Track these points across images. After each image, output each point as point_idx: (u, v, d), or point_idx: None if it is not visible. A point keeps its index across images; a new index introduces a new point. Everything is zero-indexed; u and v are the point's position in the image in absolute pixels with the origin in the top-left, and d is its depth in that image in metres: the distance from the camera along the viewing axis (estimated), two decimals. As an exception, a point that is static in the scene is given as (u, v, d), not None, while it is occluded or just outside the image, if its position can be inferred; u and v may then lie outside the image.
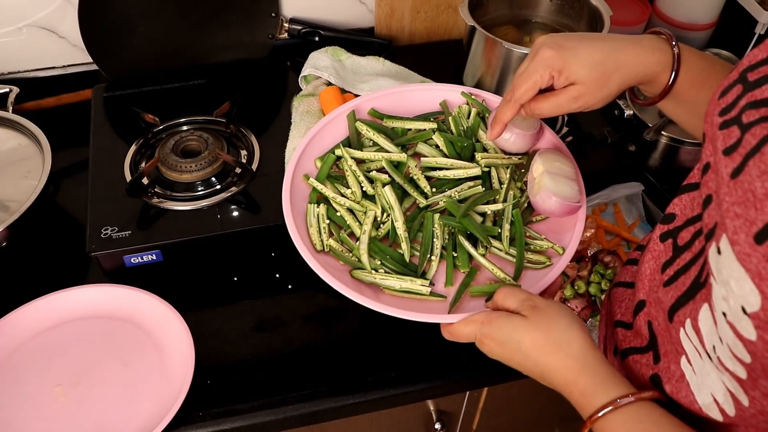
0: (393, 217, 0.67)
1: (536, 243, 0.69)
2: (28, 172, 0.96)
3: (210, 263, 0.94)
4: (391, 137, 0.74)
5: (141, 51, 1.12)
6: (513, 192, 0.71)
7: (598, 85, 0.63)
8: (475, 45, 0.99)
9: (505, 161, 0.73)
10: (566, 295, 0.90)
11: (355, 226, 0.68)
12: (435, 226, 0.67)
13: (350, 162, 0.71)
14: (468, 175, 0.71)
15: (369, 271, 0.65)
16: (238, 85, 1.12)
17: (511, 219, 0.69)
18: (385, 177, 0.70)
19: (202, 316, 0.87)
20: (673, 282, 0.53)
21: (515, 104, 0.66)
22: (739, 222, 0.38)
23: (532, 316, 0.57)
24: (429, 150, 0.74)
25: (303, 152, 0.72)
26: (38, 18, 1.12)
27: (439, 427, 1.00)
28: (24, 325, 0.85)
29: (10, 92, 1.07)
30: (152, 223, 0.91)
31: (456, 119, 0.75)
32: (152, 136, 1.03)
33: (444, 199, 0.69)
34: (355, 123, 0.74)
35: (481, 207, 0.70)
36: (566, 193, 0.67)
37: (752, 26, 1.17)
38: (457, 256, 0.67)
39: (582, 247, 0.95)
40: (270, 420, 0.80)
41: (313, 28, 1.20)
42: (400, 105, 0.78)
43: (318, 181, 0.70)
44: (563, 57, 0.63)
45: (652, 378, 0.58)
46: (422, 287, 0.64)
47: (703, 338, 0.47)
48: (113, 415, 0.78)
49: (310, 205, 0.69)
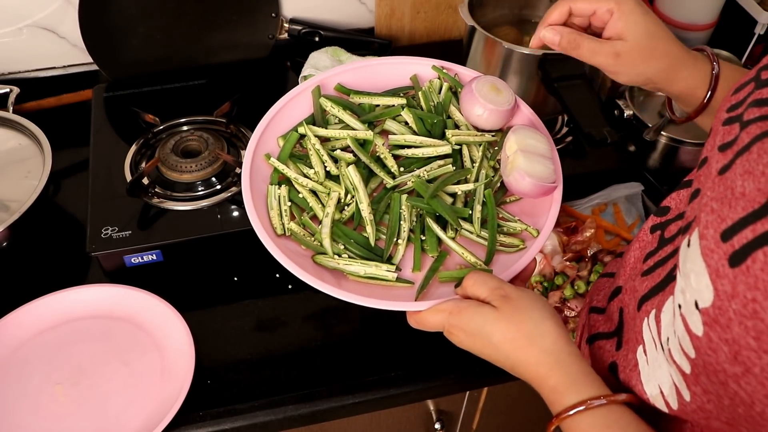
0: (357, 199, 0.63)
1: (509, 225, 0.65)
2: (29, 172, 0.96)
3: (210, 263, 0.94)
4: (357, 114, 0.70)
5: (141, 51, 1.12)
6: (485, 171, 0.68)
7: (642, 55, 0.61)
8: (475, 45, 0.99)
9: (478, 138, 0.69)
10: (566, 295, 0.90)
11: (318, 208, 0.64)
12: (402, 207, 0.63)
13: (314, 140, 0.66)
14: (438, 154, 0.68)
15: (332, 256, 0.61)
16: (239, 85, 1.12)
17: (482, 200, 0.65)
18: (350, 156, 0.66)
19: (202, 316, 0.87)
20: (651, 272, 0.53)
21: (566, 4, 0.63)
22: (712, 217, 0.38)
23: (504, 307, 0.54)
24: (398, 127, 0.69)
25: (265, 130, 0.67)
26: (38, 18, 1.12)
27: (439, 427, 1.00)
28: (24, 324, 0.85)
29: (10, 92, 1.07)
30: (152, 223, 0.92)
31: (426, 94, 0.71)
32: (152, 136, 1.04)
33: (412, 179, 0.65)
34: (319, 99, 0.70)
35: (451, 187, 0.66)
36: (541, 172, 0.63)
37: (752, 26, 1.17)
38: (425, 240, 0.63)
39: (582, 247, 0.95)
40: (270, 420, 0.80)
41: (313, 28, 1.20)
42: (369, 80, 0.73)
43: (280, 161, 0.66)
44: (635, 4, 0.61)
45: (611, 365, 0.57)
46: (388, 273, 0.60)
47: (661, 329, 0.47)
48: (113, 414, 0.78)
49: (271, 187, 0.65)
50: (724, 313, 0.37)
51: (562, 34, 0.63)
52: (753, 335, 0.35)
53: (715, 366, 0.39)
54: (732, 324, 0.36)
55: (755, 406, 0.37)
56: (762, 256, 0.34)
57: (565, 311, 0.89)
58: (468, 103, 0.69)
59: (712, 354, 0.39)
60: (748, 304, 0.35)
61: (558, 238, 0.96)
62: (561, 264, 0.93)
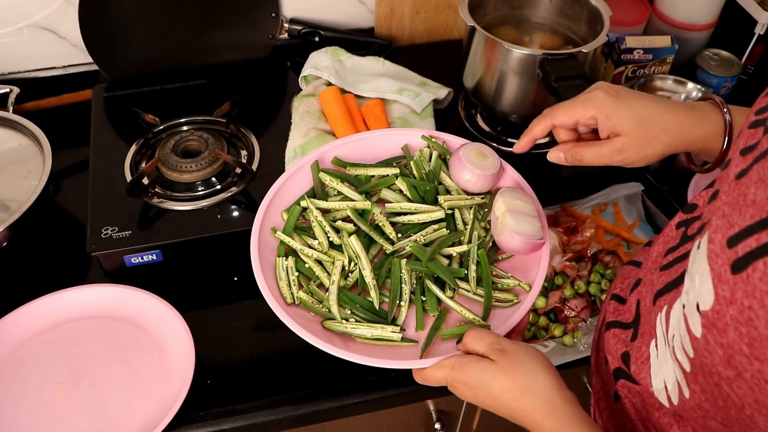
0: (360, 266, 0.68)
1: (503, 282, 0.70)
2: (29, 172, 0.96)
3: (210, 263, 0.94)
4: (355, 185, 0.75)
5: (141, 51, 1.12)
6: (477, 232, 0.72)
7: (642, 142, 0.63)
8: (475, 45, 0.99)
9: (468, 202, 0.74)
10: (566, 294, 0.90)
11: (324, 276, 0.69)
12: (402, 271, 0.68)
13: (316, 213, 0.71)
14: (432, 219, 0.72)
15: (340, 321, 0.66)
16: (239, 85, 1.12)
17: (477, 259, 0.69)
18: (350, 226, 0.71)
19: (202, 316, 0.87)
20: (669, 268, 0.54)
21: (548, 120, 0.66)
22: (722, 222, 0.38)
23: (501, 360, 0.58)
24: (393, 195, 0.74)
25: (269, 205, 0.72)
26: (38, 18, 1.12)
27: (439, 427, 1.00)
28: (24, 324, 0.85)
29: (10, 92, 1.07)
30: (152, 223, 0.92)
31: (418, 163, 0.76)
32: (152, 136, 1.04)
33: (410, 244, 0.70)
34: (318, 174, 0.75)
35: (446, 249, 0.70)
36: (529, 231, 0.68)
37: (752, 26, 1.17)
38: (426, 300, 0.68)
39: (582, 247, 0.95)
40: (270, 420, 0.80)
41: (313, 29, 1.20)
42: (363, 152, 0.79)
43: (285, 234, 0.71)
44: (615, 103, 0.63)
45: (623, 355, 0.59)
46: (393, 334, 0.65)
47: (669, 326, 0.48)
48: (113, 414, 0.78)
49: (279, 258, 0.70)
50: (722, 317, 0.37)
51: (564, 151, 0.66)
52: (746, 342, 0.36)
53: (711, 368, 0.40)
54: (728, 329, 0.37)
55: (745, 410, 0.38)
56: (762, 266, 0.34)
57: (565, 311, 0.89)
58: (457, 169, 0.73)
59: (708, 356, 0.40)
60: (744, 311, 0.35)
61: (558, 238, 0.96)
62: (561, 264, 0.93)
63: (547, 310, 0.90)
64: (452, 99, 1.11)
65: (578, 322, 0.88)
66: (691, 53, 1.21)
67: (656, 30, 1.23)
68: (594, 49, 0.95)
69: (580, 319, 0.88)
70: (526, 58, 0.94)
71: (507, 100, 1.00)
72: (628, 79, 1.14)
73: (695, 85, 1.12)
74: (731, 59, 1.19)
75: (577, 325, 0.88)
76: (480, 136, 1.06)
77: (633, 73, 1.14)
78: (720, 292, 0.37)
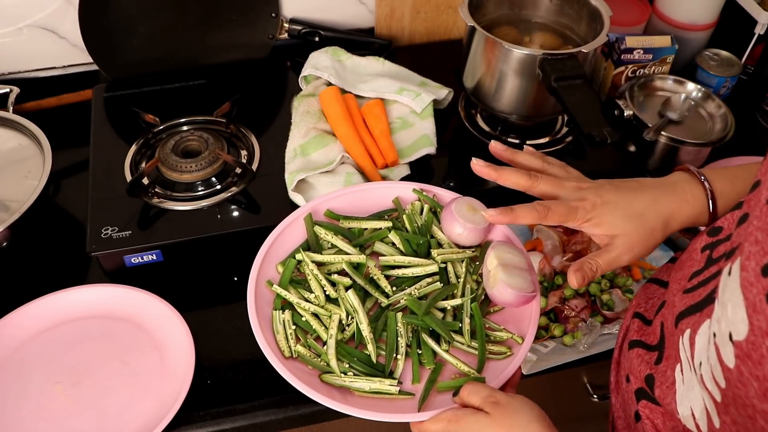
0: (357, 320, 0.69)
1: (496, 334, 0.71)
2: (29, 172, 0.96)
3: (210, 263, 0.94)
4: (348, 238, 0.76)
5: (141, 51, 1.12)
6: (470, 285, 0.73)
7: (642, 236, 0.65)
8: (475, 45, 0.99)
9: (460, 255, 0.75)
10: (566, 294, 0.90)
11: (321, 330, 0.70)
12: (398, 325, 0.69)
13: (311, 266, 0.72)
14: (426, 272, 0.73)
15: (338, 375, 0.67)
16: (239, 85, 1.12)
17: (470, 312, 0.71)
18: (346, 280, 0.72)
19: (202, 316, 0.87)
20: (693, 291, 0.53)
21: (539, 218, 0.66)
22: (756, 249, 0.37)
23: (495, 413, 0.60)
24: (386, 249, 0.76)
25: (264, 257, 0.73)
26: (38, 18, 1.12)
27: (439, 427, 0.99)
28: (24, 324, 0.85)
29: (10, 92, 1.07)
30: (152, 223, 0.92)
31: (410, 216, 0.77)
32: (152, 136, 1.04)
33: (405, 297, 0.71)
34: (313, 227, 0.76)
35: (441, 303, 0.72)
36: (521, 284, 0.69)
37: (752, 26, 1.17)
38: (422, 353, 0.69)
39: (582, 247, 0.95)
40: (270, 420, 0.80)
41: (313, 29, 1.20)
42: (355, 204, 0.80)
43: (281, 287, 0.71)
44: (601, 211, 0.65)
45: (647, 377, 0.58)
46: (391, 387, 0.66)
47: (695, 352, 0.48)
48: (113, 415, 0.78)
49: (275, 312, 0.70)
50: (757, 348, 0.36)
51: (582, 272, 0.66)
52: None
53: (744, 400, 0.39)
54: (764, 361, 0.36)
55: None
56: None
57: (565, 311, 0.89)
58: (449, 223, 0.75)
59: (742, 387, 0.39)
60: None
61: (558, 237, 0.96)
62: (561, 264, 0.93)
63: (547, 310, 0.90)
64: (452, 99, 1.11)
65: (578, 322, 0.88)
66: (691, 53, 1.21)
67: (656, 30, 1.22)
68: (594, 49, 0.95)
69: (580, 319, 0.88)
70: (526, 58, 0.94)
71: (507, 100, 1.00)
72: (629, 79, 1.14)
73: (695, 85, 1.12)
74: (731, 59, 1.19)
75: (577, 325, 0.88)
76: (480, 136, 1.07)
77: (633, 73, 1.14)
78: (755, 323, 0.36)
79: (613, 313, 0.88)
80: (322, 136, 1.00)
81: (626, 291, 0.90)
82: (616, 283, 0.92)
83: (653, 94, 1.14)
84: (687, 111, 1.10)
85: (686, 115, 1.09)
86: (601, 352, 0.85)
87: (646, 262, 0.97)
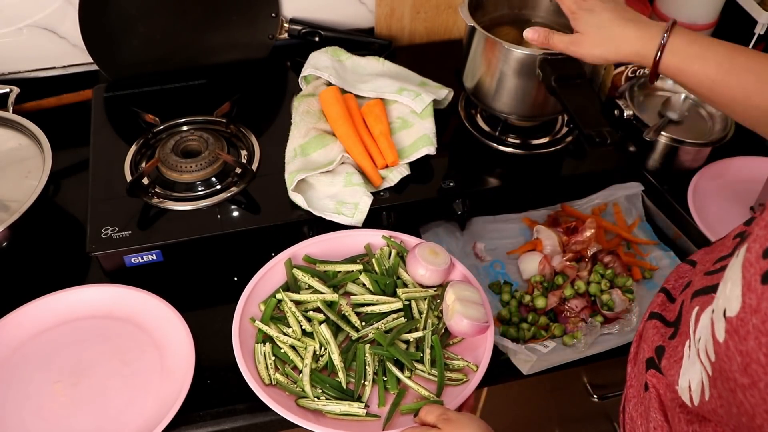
0: (330, 351, 0.78)
1: (454, 363, 0.80)
2: (29, 172, 0.96)
3: (210, 263, 0.94)
4: (324, 280, 0.85)
5: (141, 51, 1.12)
6: (431, 320, 0.82)
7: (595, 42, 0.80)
8: (475, 45, 0.99)
9: (423, 294, 0.84)
10: (566, 294, 0.90)
11: (298, 360, 0.78)
12: (366, 355, 0.78)
13: (290, 304, 0.81)
14: (392, 309, 0.83)
15: (312, 399, 0.75)
16: (239, 85, 1.12)
17: (431, 344, 0.80)
18: (320, 316, 0.81)
19: (202, 316, 0.87)
20: (713, 274, 0.56)
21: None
22: (762, 233, 0.39)
23: (446, 428, 0.68)
24: (357, 289, 0.85)
25: (248, 297, 0.82)
26: (38, 18, 1.12)
27: (439, 427, 1.00)
28: (24, 324, 0.85)
29: (10, 92, 1.07)
30: (152, 223, 0.92)
31: (379, 260, 0.87)
32: (152, 136, 1.04)
33: (373, 331, 0.80)
34: (292, 270, 0.85)
35: (404, 335, 0.81)
36: (475, 315, 0.79)
37: (752, 26, 1.17)
38: (387, 380, 0.78)
39: (582, 247, 0.95)
40: (270, 420, 0.80)
41: (313, 28, 1.20)
42: (331, 249, 0.89)
43: (263, 323, 0.80)
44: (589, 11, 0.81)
45: (658, 348, 0.61)
46: (359, 410, 0.75)
47: (697, 328, 0.50)
48: (113, 415, 0.78)
49: (257, 345, 0.79)
50: (745, 325, 0.38)
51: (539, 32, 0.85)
52: (764, 351, 0.37)
53: (729, 373, 0.41)
54: (749, 337, 0.38)
55: (756, 419, 0.39)
56: None
57: (565, 311, 0.89)
58: (413, 265, 0.85)
59: (727, 361, 0.41)
60: (766, 321, 0.36)
61: (558, 238, 0.96)
62: (561, 264, 0.93)
63: (547, 310, 0.90)
64: (452, 99, 1.11)
65: (578, 322, 0.88)
66: (691, 53, 1.21)
67: (656, 30, 1.22)
68: (594, 49, 0.94)
69: (579, 319, 0.88)
70: (526, 58, 0.93)
71: (507, 100, 1.00)
72: (629, 79, 1.14)
73: (695, 85, 1.12)
74: (731, 59, 1.18)
75: (577, 325, 0.88)
76: (480, 136, 1.06)
77: (633, 72, 1.14)
78: (747, 301, 0.38)
79: (613, 313, 0.88)
80: (322, 136, 1.00)
81: (626, 291, 0.90)
82: (616, 284, 0.92)
83: (653, 94, 1.14)
84: (687, 111, 1.10)
85: (686, 115, 1.09)
86: (601, 351, 0.85)
87: (647, 262, 0.97)
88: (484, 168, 1.02)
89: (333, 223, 0.92)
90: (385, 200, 0.95)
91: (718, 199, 0.99)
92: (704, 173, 1.06)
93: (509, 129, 1.07)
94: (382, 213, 0.95)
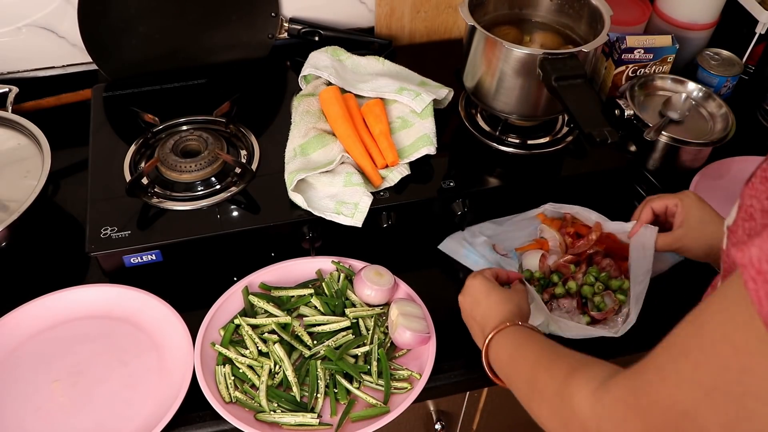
0: (284, 368, 0.83)
1: (399, 373, 0.85)
2: (28, 172, 0.96)
3: (209, 263, 0.94)
4: (278, 304, 0.90)
5: (141, 51, 1.12)
6: (377, 336, 0.87)
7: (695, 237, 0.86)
8: (475, 45, 0.99)
9: (369, 312, 0.89)
10: (556, 292, 0.90)
11: (255, 378, 0.83)
12: (318, 370, 0.83)
13: (247, 328, 0.86)
14: (341, 327, 0.88)
15: (269, 413, 0.80)
16: (238, 85, 1.12)
17: (377, 357, 0.85)
18: (275, 337, 0.86)
19: (202, 316, 0.87)
20: None
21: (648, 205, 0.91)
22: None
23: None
24: (309, 311, 0.90)
25: (208, 324, 0.86)
26: (38, 18, 1.12)
27: (440, 427, 1.00)
28: (24, 324, 0.85)
29: (9, 92, 1.07)
30: (152, 223, 0.91)
31: (329, 284, 0.92)
32: (152, 136, 1.03)
33: (323, 348, 0.85)
34: (248, 297, 0.90)
35: (353, 350, 0.86)
36: (417, 327, 0.84)
37: (752, 26, 1.17)
38: (338, 392, 0.83)
39: (583, 251, 0.95)
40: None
41: (313, 28, 1.20)
42: (285, 276, 0.94)
43: (222, 347, 0.85)
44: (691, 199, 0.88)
45: None
46: (312, 420, 0.79)
47: None
48: (113, 415, 0.78)
49: (218, 367, 0.83)
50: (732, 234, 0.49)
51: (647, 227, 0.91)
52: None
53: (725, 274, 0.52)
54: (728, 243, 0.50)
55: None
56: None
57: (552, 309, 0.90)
58: (359, 286, 0.90)
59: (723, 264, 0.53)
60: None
61: (561, 239, 0.96)
62: (555, 263, 0.93)
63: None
64: (452, 99, 1.11)
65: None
66: (691, 53, 1.21)
67: (657, 29, 1.22)
68: (594, 48, 0.94)
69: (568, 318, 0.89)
70: (526, 58, 0.93)
71: (507, 99, 1.00)
72: (629, 79, 1.14)
73: (696, 84, 1.12)
74: (732, 59, 1.18)
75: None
76: (480, 136, 1.06)
77: (633, 72, 1.14)
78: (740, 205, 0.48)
79: (601, 314, 0.88)
80: (322, 135, 0.99)
81: (620, 293, 0.90)
82: (610, 286, 0.91)
83: (654, 94, 1.14)
84: (688, 111, 1.09)
85: (687, 115, 1.09)
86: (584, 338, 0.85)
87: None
88: (484, 168, 1.02)
89: (333, 223, 0.92)
90: (385, 200, 0.95)
91: (719, 199, 0.99)
92: (705, 173, 1.06)
93: (509, 129, 1.07)
94: (382, 213, 0.95)
